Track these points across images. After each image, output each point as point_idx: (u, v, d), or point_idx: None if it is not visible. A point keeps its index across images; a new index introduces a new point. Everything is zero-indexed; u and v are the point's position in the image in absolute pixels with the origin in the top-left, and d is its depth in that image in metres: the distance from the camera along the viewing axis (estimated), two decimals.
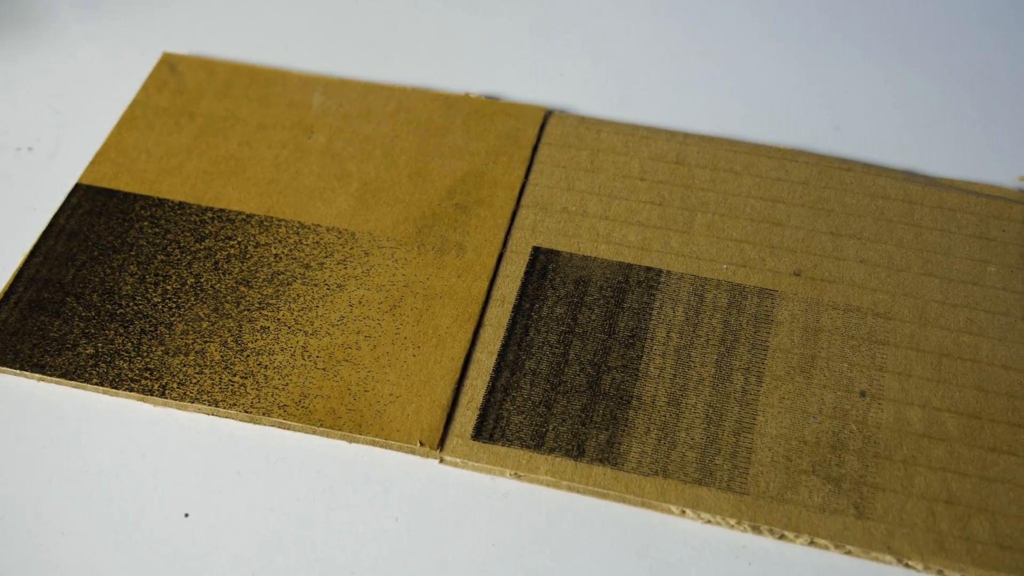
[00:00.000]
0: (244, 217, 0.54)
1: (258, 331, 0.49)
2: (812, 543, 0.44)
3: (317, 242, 0.52)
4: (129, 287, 0.51)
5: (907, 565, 0.43)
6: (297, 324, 0.50)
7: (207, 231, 0.53)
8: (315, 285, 0.51)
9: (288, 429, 0.47)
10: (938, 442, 0.46)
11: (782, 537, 0.44)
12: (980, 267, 0.52)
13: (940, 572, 0.43)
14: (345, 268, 0.51)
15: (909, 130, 0.59)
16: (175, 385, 0.48)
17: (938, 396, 0.47)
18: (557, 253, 0.52)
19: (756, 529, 0.44)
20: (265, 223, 0.53)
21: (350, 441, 0.47)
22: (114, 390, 0.48)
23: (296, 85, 0.59)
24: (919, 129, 0.59)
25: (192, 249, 0.52)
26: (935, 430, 0.46)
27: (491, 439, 0.46)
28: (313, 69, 0.61)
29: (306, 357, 0.49)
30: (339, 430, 0.47)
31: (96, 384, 0.48)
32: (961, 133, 0.58)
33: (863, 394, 0.47)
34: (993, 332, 0.49)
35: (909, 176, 0.55)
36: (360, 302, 0.50)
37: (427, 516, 0.45)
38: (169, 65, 0.61)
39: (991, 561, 0.43)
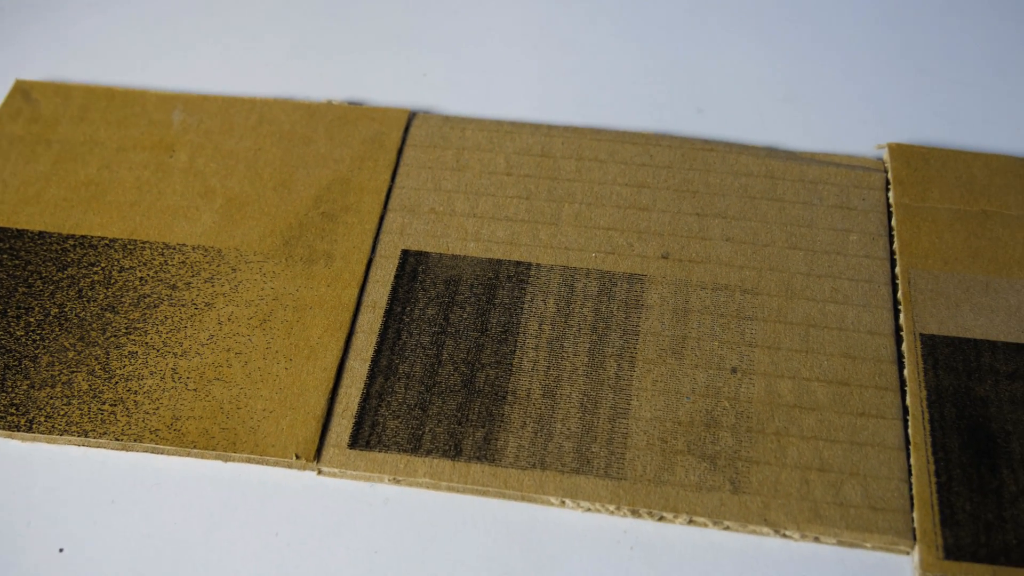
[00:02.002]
0: (107, 242, 0.53)
1: (126, 357, 0.49)
2: (691, 521, 0.44)
3: (183, 262, 0.52)
4: None
5: (784, 535, 0.44)
6: (166, 346, 0.49)
7: (69, 259, 0.52)
8: (183, 305, 0.50)
9: (162, 453, 0.47)
10: (809, 411, 0.47)
11: (661, 519, 0.45)
12: (843, 236, 0.53)
13: (816, 539, 0.44)
14: (212, 286, 0.51)
15: (769, 107, 0.59)
16: (42, 419, 0.47)
17: (807, 366, 0.48)
18: (426, 254, 0.52)
19: (635, 513, 0.45)
20: (129, 247, 0.52)
21: (225, 460, 0.46)
22: None
23: (155, 104, 0.59)
24: (779, 105, 0.60)
25: (54, 279, 0.51)
26: (805, 400, 0.47)
27: (368, 446, 0.46)
28: (172, 87, 0.60)
29: (176, 379, 0.48)
30: (213, 450, 0.46)
31: None
32: (820, 106, 0.59)
33: (734, 370, 0.48)
34: (857, 299, 0.50)
35: (771, 152, 0.56)
36: (229, 319, 0.50)
37: (307, 528, 0.45)
38: (22, 92, 0.60)
39: (864, 523, 0.44)
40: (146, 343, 0.49)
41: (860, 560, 0.44)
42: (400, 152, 0.56)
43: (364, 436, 0.46)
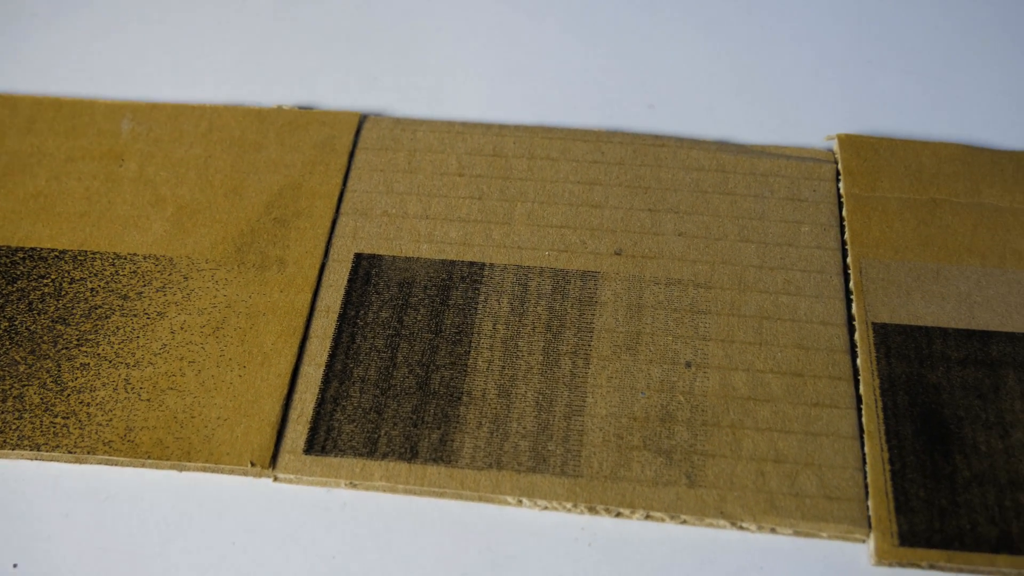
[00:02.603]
0: (57, 254, 0.52)
1: (78, 369, 0.48)
2: (648, 517, 0.44)
3: (134, 271, 0.51)
4: None
5: (741, 527, 0.44)
6: (118, 357, 0.48)
7: (18, 272, 0.52)
8: (134, 315, 0.50)
9: (116, 465, 0.46)
10: (763, 403, 0.47)
11: (618, 515, 0.45)
12: (794, 228, 0.53)
13: (773, 530, 0.44)
14: (164, 295, 0.50)
15: (720, 101, 0.60)
16: None
17: (761, 358, 0.48)
18: (380, 257, 0.52)
19: (592, 510, 0.45)
20: (79, 258, 0.52)
21: (180, 470, 0.46)
22: None
23: (103, 114, 0.58)
24: (729, 99, 0.60)
25: (3, 292, 0.51)
26: (760, 392, 0.47)
27: (323, 451, 0.46)
28: (120, 96, 0.60)
29: (129, 390, 0.47)
30: (168, 460, 0.46)
31: None
32: (770, 99, 0.60)
33: (688, 364, 0.48)
34: (810, 290, 0.50)
35: (721, 146, 0.56)
36: (182, 328, 0.49)
37: (264, 536, 0.45)
38: None
39: (820, 513, 0.44)
40: (98, 354, 0.49)
41: (817, 549, 0.44)
42: (351, 155, 0.56)
43: (319, 441, 0.46)
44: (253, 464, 0.45)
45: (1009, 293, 0.50)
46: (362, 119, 0.58)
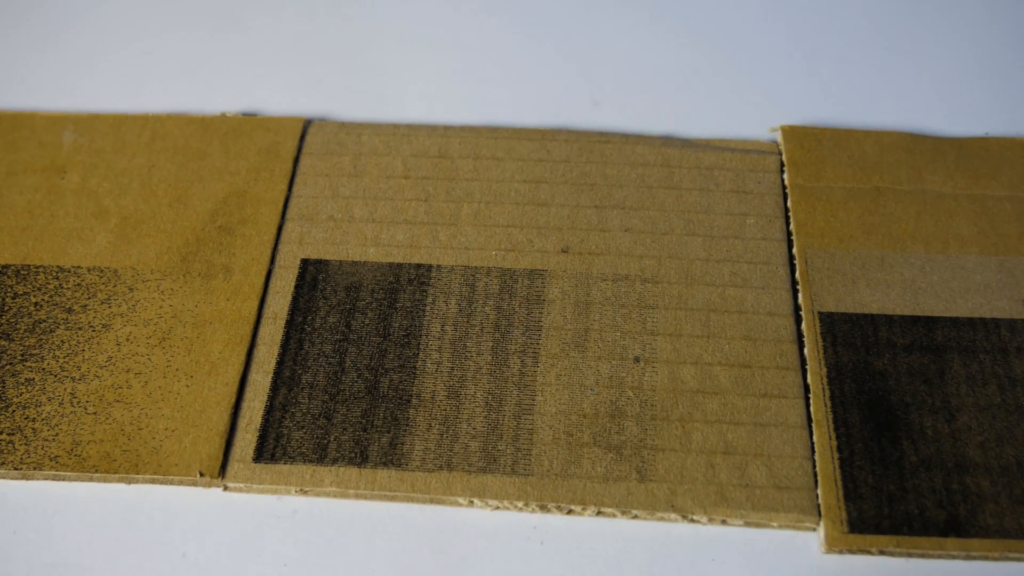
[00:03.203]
0: None
1: (23, 384, 0.48)
2: (599, 513, 0.45)
3: (78, 284, 0.51)
4: None
5: (692, 520, 0.44)
6: (63, 371, 0.48)
7: None
8: (79, 329, 0.49)
9: (63, 480, 0.46)
10: (712, 396, 0.47)
11: (570, 512, 0.45)
12: (740, 220, 0.53)
13: (724, 521, 0.44)
14: (109, 307, 0.50)
15: (665, 96, 0.60)
16: None
17: (709, 351, 0.48)
18: (326, 262, 0.52)
19: (544, 508, 0.45)
20: (22, 272, 0.52)
21: (129, 483, 0.46)
22: None
23: (44, 126, 0.58)
24: (674, 94, 0.60)
25: None
26: (708, 385, 0.47)
27: (273, 459, 0.46)
28: (61, 108, 0.59)
29: (75, 404, 0.47)
30: (116, 473, 0.45)
31: None
32: (714, 93, 0.60)
33: (637, 359, 0.48)
34: (756, 282, 0.51)
35: (666, 141, 0.56)
36: (128, 339, 0.49)
37: (215, 546, 0.44)
38: None
39: (770, 503, 0.44)
40: (43, 369, 0.48)
41: (768, 539, 0.44)
42: (296, 161, 0.56)
43: (269, 449, 0.46)
44: (202, 474, 0.45)
45: (953, 278, 0.51)
46: (306, 124, 0.58)
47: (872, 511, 0.44)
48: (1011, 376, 0.48)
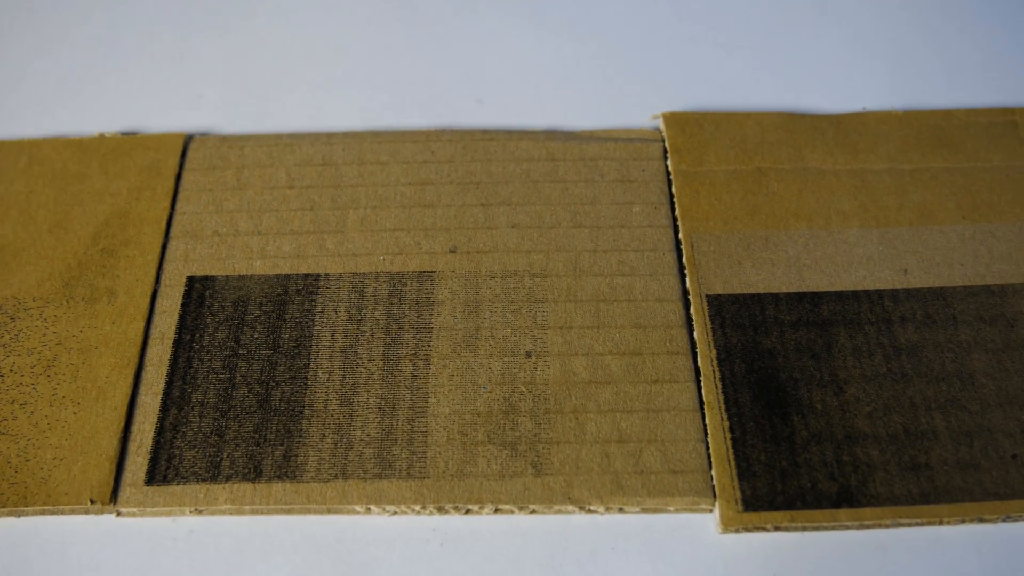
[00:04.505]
0: None
1: None
2: (497, 510, 0.45)
3: None
4: None
5: (590, 510, 0.45)
6: None
7: None
8: None
9: None
10: (604, 385, 0.47)
11: (468, 511, 0.45)
12: (626, 209, 0.53)
13: (621, 509, 0.44)
14: None
15: (548, 90, 0.60)
16: None
17: (600, 341, 0.49)
18: (213, 278, 0.51)
19: (441, 509, 0.44)
20: None
21: (19, 516, 0.45)
22: None
23: None
24: (557, 87, 0.60)
25: None
26: (600, 374, 0.48)
27: (165, 480, 0.45)
28: None
29: None
30: (4, 507, 0.44)
31: None
32: (597, 84, 0.60)
33: (529, 355, 0.48)
34: (644, 269, 0.51)
35: (550, 135, 0.57)
36: (11, 370, 0.48)
37: (111, 573, 0.44)
38: None
39: (666, 488, 0.44)
40: None
41: (666, 524, 0.45)
42: (179, 178, 0.55)
43: (161, 471, 0.45)
44: (93, 501, 0.44)
45: (836, 253, 0.52)
46: (187, 140, 0.57)
47: (765, 488, 0.44)
48: (895, 345, 0.48)
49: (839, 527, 0.44)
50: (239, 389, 0.47)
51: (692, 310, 0.50)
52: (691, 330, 0.49)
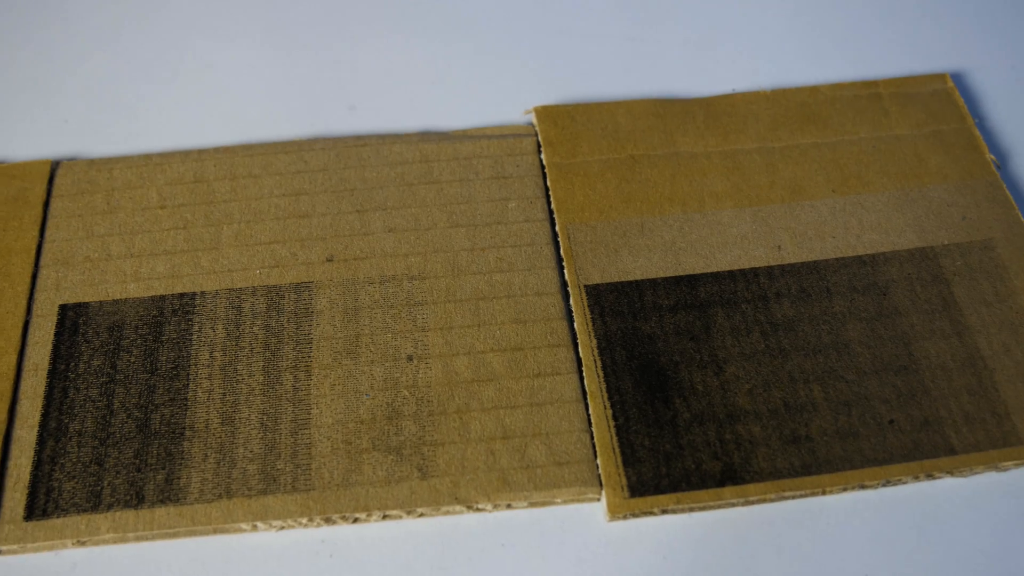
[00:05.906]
0: None
1: None
2: (385, 517, 0.44)
3: None
4: None
5: (478, 509, 0.45)
6: None
7: None
8: None
9: None
10: (487, 383, 0.47)
11: (356, 520, 0.44)
12: (502, 206, 0.53)
13: (509, 506, 0.45)
14: None
15: (420, 93, 0.60)
16: None
17: (481, 339, 0.49)
18: (86, 305, 0.50)
19: (329, 520, 0.44)
20: None
21: None
22: None
23: None
24: (430, 89, 0.60)
25: None
26: (482, 372, 0.48)
27: (45, 514, 0.44)
28: None
29: None
30: None
31: None
32: (470, 84, 0.60)
33: (410, 358, 0.48)
34: (522, 264, 0.51)
35: (423, 136, 0.56)
36: None
37: None
38: None
39: (552, 480, 0.45)
40: None
41: (554, 516, 0.45)
42: (47, 205, 0.54)
43: (40, 505, 0.44)
44: None
45: (711, 234, 0.52)
46: (54, 166, 0.56)
47: (651, 473, 0.45)
48: (772, 321, 0.49)
49: (725, 505, 0.45)
50: (117, 415, 0.47)
51: (572, 301, 0.50)
52: (571, 321, 0.49)
